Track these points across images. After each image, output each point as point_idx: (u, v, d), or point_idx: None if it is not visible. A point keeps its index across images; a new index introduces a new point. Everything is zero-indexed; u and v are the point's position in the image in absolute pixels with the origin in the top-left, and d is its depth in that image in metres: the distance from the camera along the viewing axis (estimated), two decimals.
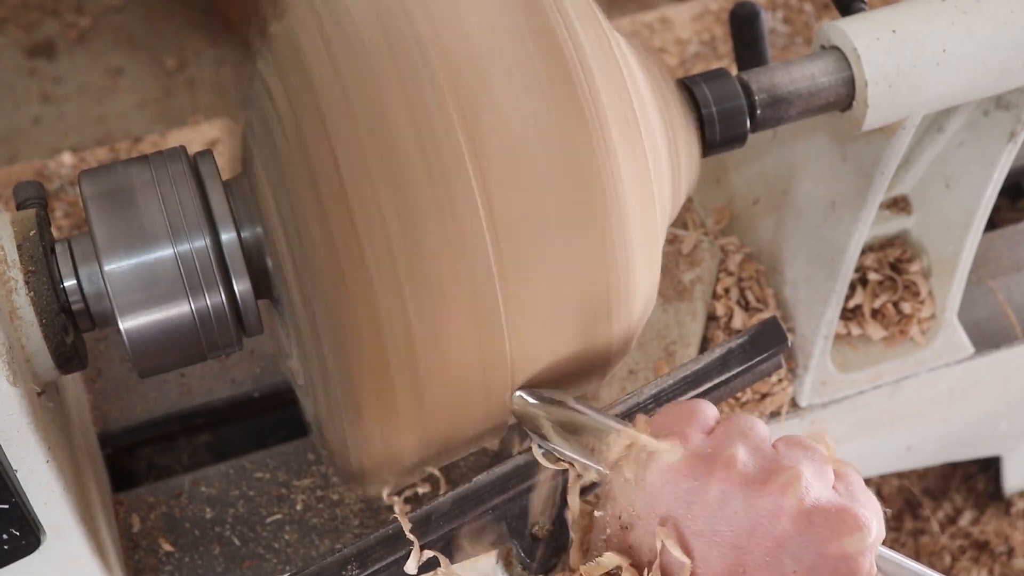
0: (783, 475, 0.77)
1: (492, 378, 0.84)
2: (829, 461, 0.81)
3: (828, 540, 0.76)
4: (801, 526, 0.76)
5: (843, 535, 0.76)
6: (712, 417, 0.83)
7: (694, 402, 0.84)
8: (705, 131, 0.94)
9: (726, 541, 0.77)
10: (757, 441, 0.80)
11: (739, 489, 0.77)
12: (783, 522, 0.76)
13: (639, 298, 0.88)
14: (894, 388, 1.31)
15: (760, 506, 0.76)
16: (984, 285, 1.38)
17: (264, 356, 1.31)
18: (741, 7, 1.11)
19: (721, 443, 0.79)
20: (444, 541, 0.87)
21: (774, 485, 0.76)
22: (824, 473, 0.79)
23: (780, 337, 0.94)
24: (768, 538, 0.76)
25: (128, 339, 0.84)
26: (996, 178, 1.13)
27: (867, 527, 0.77)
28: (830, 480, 0.80)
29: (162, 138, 1.51)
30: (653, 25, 1.61)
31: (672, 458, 0.79)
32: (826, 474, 0.80)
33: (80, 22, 2.24)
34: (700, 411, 0.82)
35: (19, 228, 0.86)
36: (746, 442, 0.79)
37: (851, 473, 0.82)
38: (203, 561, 1.18)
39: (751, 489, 0.77)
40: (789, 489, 0.76)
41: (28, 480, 0.89)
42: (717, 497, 0.77)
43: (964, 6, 0.97)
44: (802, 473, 0.77)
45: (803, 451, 0.80)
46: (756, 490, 0.77)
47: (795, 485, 0.76)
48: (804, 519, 0.76)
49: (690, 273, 1.28)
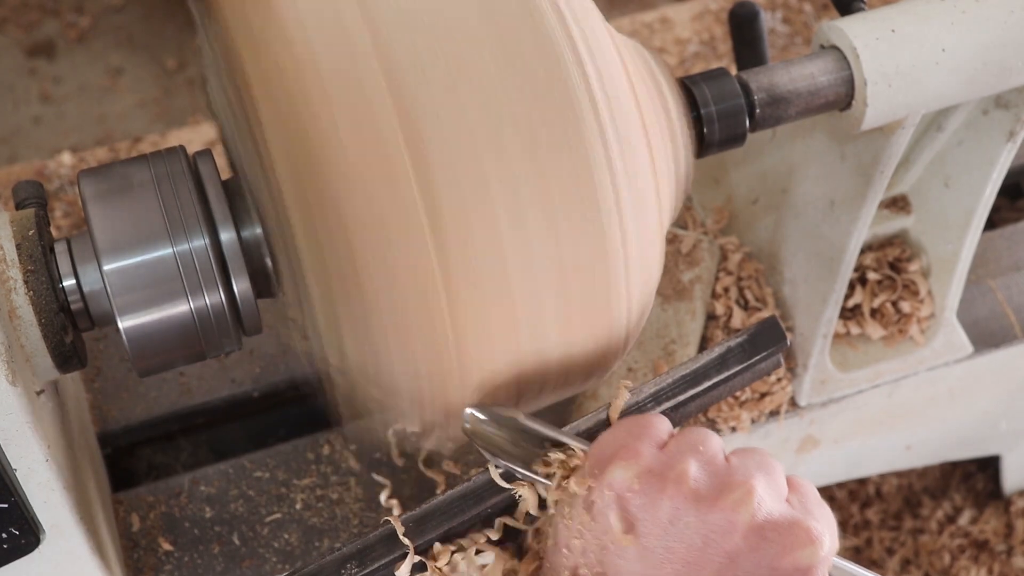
0: (735, 490, 0.77)
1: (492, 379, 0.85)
2: (783, 473, 0.80)
3: (781, 555, 0.76)
4: (753, 541, 0.76)
5: (795, 549, 0.76)
6: (665, 431, 0.82)
7: (647, 417, 0.84)
8: (704, 130, 0.94)
9: (678, 557, 0.77)
10: (710, 455, 0.79)
11: (691, 505, 0.77)
12: (735, 538, 0.76)
13: (639, 297, 0.88)
14: (893, 387, 1.31)
15: (712, 522, 0.76)
16: (984, 285, 1.38)
17: (264, 356, 1.31)
18: (741, 7, 1.11)
19: (673, 458, 0.79)
20: (441, 541, 0.87)
21: (726, 500, 0.77)
22: (777, 486, 0.79)
23: (779, 336, 0.94)
24: (720, 554, 0.76)
25: (128, 339, 0.85)
26: (995, 177, 1.13)
27: (820, 540, 0.77)
28: (783, 493, 0.80)
29: (162, 138, 1.51)
30: (653, 25, 1.61)
31: (623, 475, 0.78)
32: (779, 487, 0.80)
33: (80, 22, 2.24)
34: (653, 426, 0.82)
35: (18, 227, 0.86)
36: (698, 457, 0.79)
37: (805, 485, 0.82)
38: (203, 560, 1.18)
39: (703, 505, 0.77)
40: (741, 504, 0.76)
41: (28, 480, 0.89)
42: (669, 513, 0.77)
43: (964, 6, 0.97)
44: (754, 488, 0.77)
45: (756, 464, 0.79)
46: (708, 506, 0.77)
47: (747, 500, 0.76)
48: (756, 534, 0.76)
49: (689, 272, 1.28)
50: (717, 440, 0.81)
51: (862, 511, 1.68)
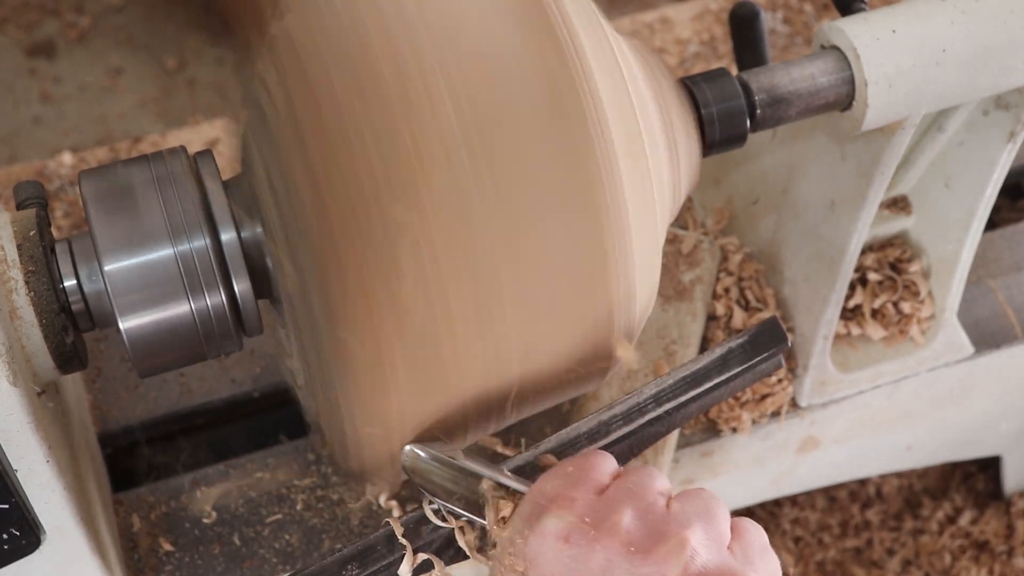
0: (668, 541, 0.76)
1: (492, 376, 0.84)
2: (727, 518, 0.79)
3: None
4: None
5: None
6: (608, 473, 0.81)
7: (589, 458, 0.82)
8: (705, 131, 0.94)
9: None
10: (648, 502, 0.78)
11: (623, 556, 0.75)
12: None
13: (639, 298, 0.88)
14: (894, 388, 1.31)
15: (643, 574, 0.75)
16: (984, 285, 1.38)
17: (264, 356, 1.31)
18: (741, 7, 1.11)
19: (609, 507, 0.78)
20: (440, 543, 0.87)
21: (659, 552, 0.75)
22: (717, 534, 0.78)
23: (780, 337, 0.94)
24: None
25: (128, 339, 0.85)
26: (996, 178, 1.13)
27: None
28: (725, 540, 0.78)
29: (162, 138, 1.51)
30: (653, 25, 1.61)
31: (557, 524, 0.78)
32: (720, 535, 0.78)
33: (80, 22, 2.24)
34: (594, 468, 0.81)
35: (19, 228, 0.86)
36: (636, 504, 0.78)
37: (751, 531, 0.80)
38: (203, 561, 1.18)
39: (635, 556, 0.75)
40: (673, 556, 0.75)
41: (28, 480, 0.89)
42: (600, 564, 0.76)
43: (964, 6, 0.97)
44: (688, 539, 0.75)
45: (697, 511, 0.78)
46: (641, 557, 0.75)
47: (680, 551, 0.75)
48: None
49: (690, 273, 1.28)
50: (660, 483, 0.80)
51: (862, 512, 1.68)
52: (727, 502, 0.81)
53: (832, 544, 1.66)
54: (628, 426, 0.91)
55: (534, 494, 0.81)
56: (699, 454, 1.28)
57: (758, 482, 1.39)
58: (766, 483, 1.40)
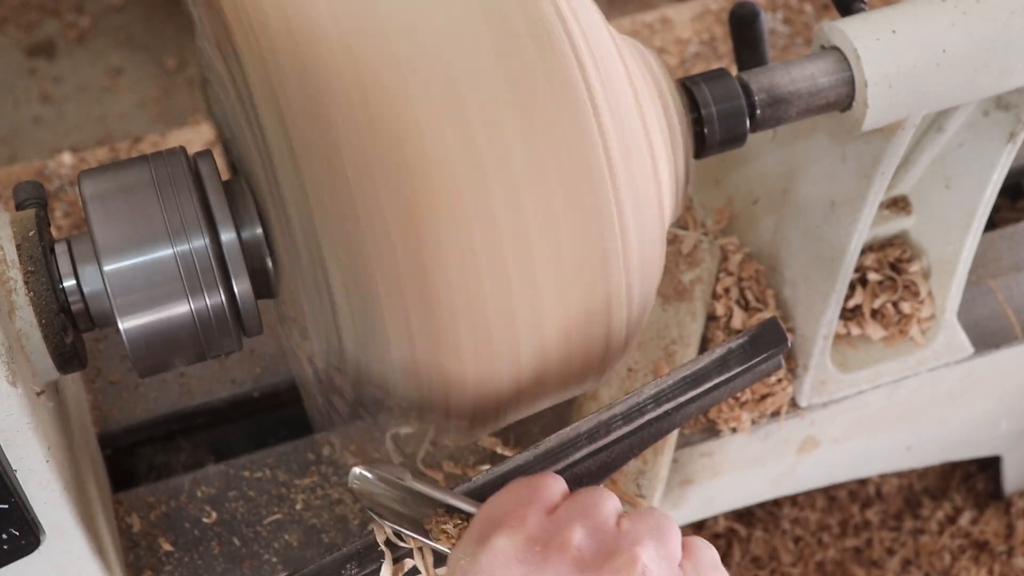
0: (619, 558, 0.76)
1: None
2: (678, 536, 0.79)
3: None
4: None
5: None
6: (558, 493, 0.81)
7: (538, 479, 0.83)
8: (705, 131, 0.94)
9: None
10: (599, 520, 0.78)
11: (574, 574, 0.75)
12: None
13: (639, 298, 0.88)
14: (894, 388, 1.31)
15: None
16: (984, 285, 1.38)
17: (264, 356, 1.31)
18: (741, 7, 1.11)
19: (560, 525, 0.78)
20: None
21: (609, 569, 0.75)
22: (669, 552, 0.78)
23: (780, 337, 0.94)
24: None
25: (128, 339, 0.84)
26: (996, 178, 1.13)
27: None
28: (676, 559, 0.78)
29: (162, 138, 1.51)
30: (653, 25, 1.61)
31: (507, 542, 0.77)
32: (671, 553, 0.78)
33: (80, 22, 2.24)
34: (544, 488, 0.81)
35: (18, 228, 0.86)
36: (586, 522, 0.78)
37: (701, 550, 0.80)
38: (203, 561, 1.18)
39: (586, 573, 0.75)
40: (623, 572, 0.75)
41: (28, 480, 0.89)
42: None
43: (964, 6, 0.97)
44: (639, 556, 0.76)
45: (648, 529, 0.78)
46: (591, 574, 0.75)
47: (629, 568, 0.75)
48: None
49: (690, 273, 1.28)
50: (611, 503, 0.80)
51: (862, 511, 1.68)
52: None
53: (832, 544, 1.66)
54: (628, 426, 0.91)
55: (484, 513, 0.81)
56: (699, 454, 1.28)
57: (758, 482, 1.39)
58: (766, 483, 1.40)
